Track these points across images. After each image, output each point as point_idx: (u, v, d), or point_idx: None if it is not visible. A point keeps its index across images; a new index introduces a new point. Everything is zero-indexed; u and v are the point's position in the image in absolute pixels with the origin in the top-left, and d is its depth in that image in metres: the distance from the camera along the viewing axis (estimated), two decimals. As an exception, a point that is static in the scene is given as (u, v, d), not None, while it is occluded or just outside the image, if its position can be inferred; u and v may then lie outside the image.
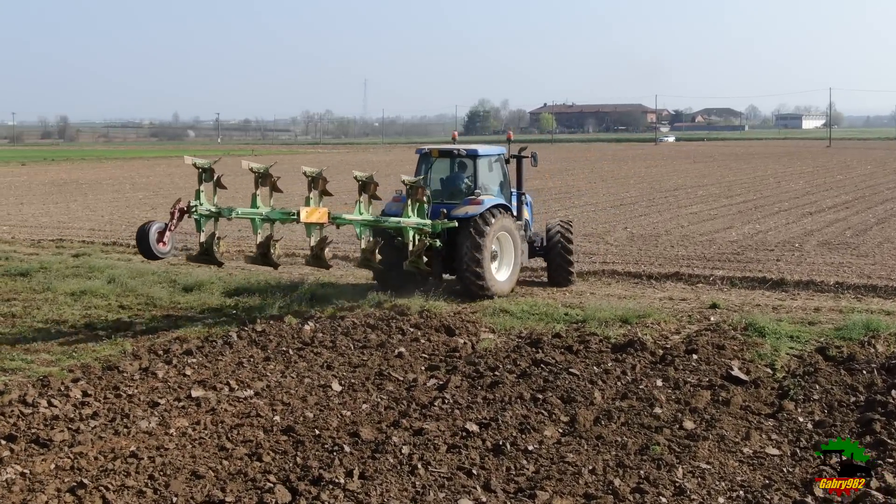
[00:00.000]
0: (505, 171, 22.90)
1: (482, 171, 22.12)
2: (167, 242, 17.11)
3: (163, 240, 17.01)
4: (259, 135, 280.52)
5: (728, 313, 19.87)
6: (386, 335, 17.52)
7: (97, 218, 41.60)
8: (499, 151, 22.99)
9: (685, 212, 41.08)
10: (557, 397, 13.55)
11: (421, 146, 22.91)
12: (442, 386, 14.20)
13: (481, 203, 21.06)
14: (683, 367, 15.16)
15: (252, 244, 22.05)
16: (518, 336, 17.71)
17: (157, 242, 16.92)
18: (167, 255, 17.57)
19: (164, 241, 17.04)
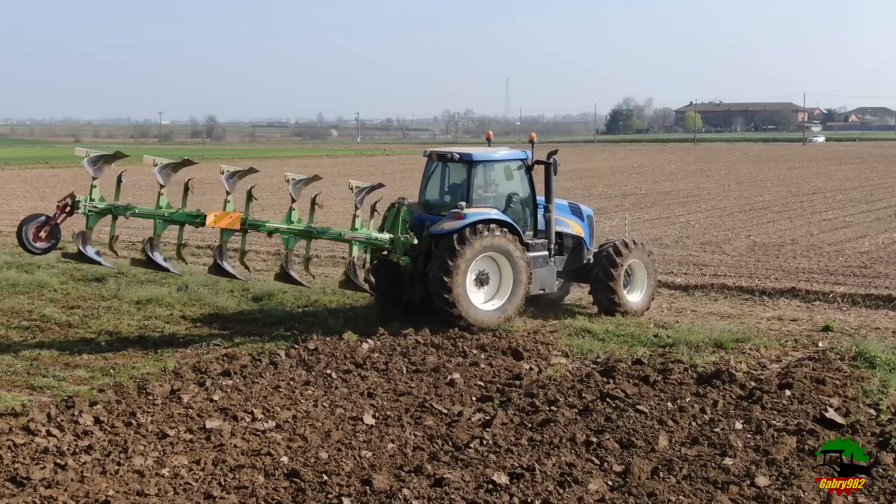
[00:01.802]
0: (524, 179, 19.49)
1: (479, 179, 18.93)
2: (47, 237, 16.47)
3: (40, 234, 16.39)
4: (400, 134, 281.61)
5: (841, 338, 17.80)
6: (447, 356, 15.98)
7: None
8: (511, 156, 19.61)
9: (818, 218, 38.39)
10: (616, 441, 11.78)
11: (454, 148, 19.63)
12: (487, 422, 12.57)
13: (463, 217, 18.04)
14: (772, 405, 13.17)
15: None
16: (593, 361, 15.94)
17: (34, 237, 16.36)
18: (45, 251, 16.84)
19: (41, 235, 16.40)
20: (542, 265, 19.33)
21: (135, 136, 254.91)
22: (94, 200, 16.82)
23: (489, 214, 18.35)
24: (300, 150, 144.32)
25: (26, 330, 18.61)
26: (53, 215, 16.53)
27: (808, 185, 56.83)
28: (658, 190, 54.50)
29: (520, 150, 20.01)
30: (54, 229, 16.55)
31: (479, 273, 18.35)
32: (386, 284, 19.18)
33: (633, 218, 36.12)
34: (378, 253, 18.46)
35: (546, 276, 19.47)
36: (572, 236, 20.17)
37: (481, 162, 19.02)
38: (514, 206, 19.49)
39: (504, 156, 19.63)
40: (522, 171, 19.53)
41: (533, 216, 19.64)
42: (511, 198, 19.50)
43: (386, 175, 68.90)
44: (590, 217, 20.76)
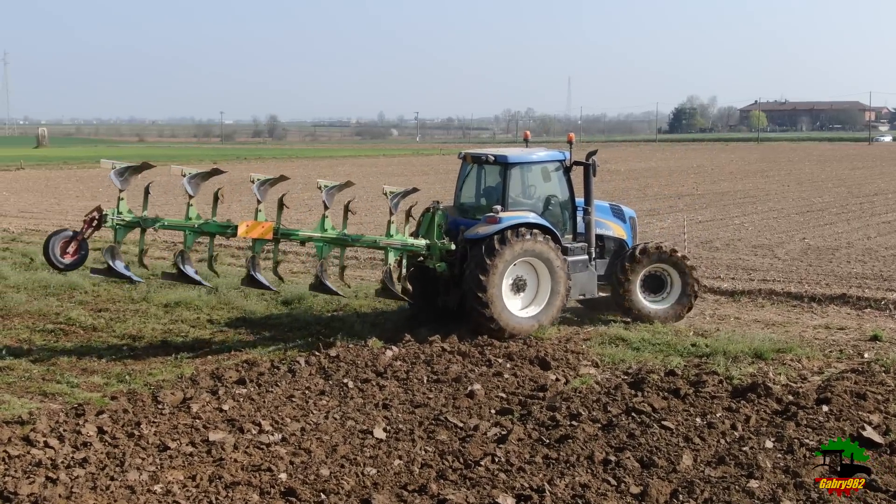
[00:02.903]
0: (563, 180, 18.86)
1: (514, 182, 18.39)
2: (74, 252, 16.20)
3: (67, 250, 16.13)
4: (460, 133, 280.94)
5: (889, 348, 16.96)
6: (471, 365, 15.42)
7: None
8: (548, 157, 18.94)
9: (877, 220, 37.20)
10: (636, 459, 11.14)
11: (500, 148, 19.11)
12: (502, 438, 11.95)
13: (498, 221, 17.49)
14: (807, 422, 12.41)
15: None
16: (624, 372, 15.26)
17: (62, 252, 16.10)
18: (73, 267, 16.49)
19: (68, 251, 16.14)
20: (583, 270, 18.70)
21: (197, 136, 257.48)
22: (121, 213, 16.61)
23: (526, 218, 17.79)
24: (357, 150, 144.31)
25: (50, 333, 18.39)
26: (81, 230, 16.37)
27: (870, 186, 55.32)
28: (715, 190, 53.40)
29: (558, 150, 19.37)
30: (82, 244, 16.30)
31: (517, 279, 17.82)
32: (421, 290, 18.72)
33: (687, 219, 35.22)
34: (414, 259, 18.01)
35: (587, 281, 18.82)
36: (614, 239, 19.55)
37: (517, 164, 18.47)
38: (552, 208, 18.93)
39: (541, 157, 18.99)
40: (560, 173, 18.94)
41: (572, 219, 19.01)
42: (549, 200, 18.94)
43: (440, 175, 68.57)
44: (632, 219, 20.13)
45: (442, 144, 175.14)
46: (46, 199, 50.85)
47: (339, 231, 17.47)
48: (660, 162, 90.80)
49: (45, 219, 40.41)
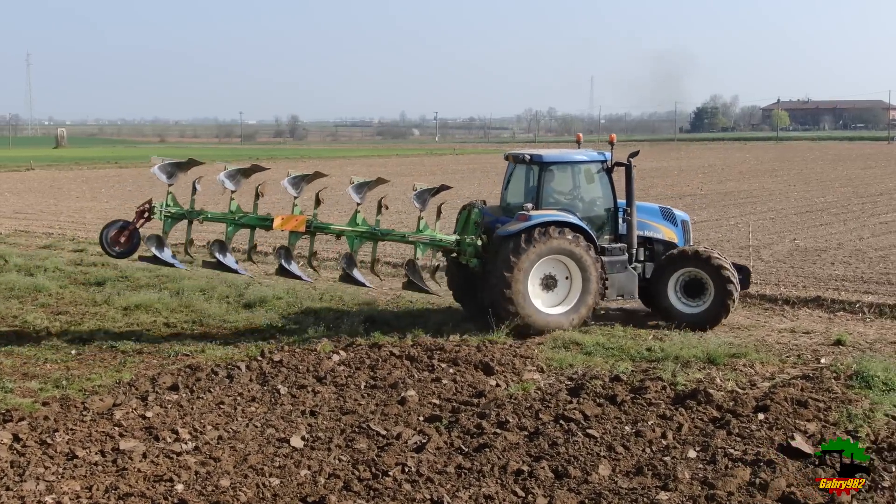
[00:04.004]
0: (603, 181, 19.02)
1: (550, 181, 18.68)
2: (126, 241, 17.61)
3: (119, 239, 17.56)
4: (481, 133, 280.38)
5: (852, 352, 16.53)
6: (417, 371, 15.12)
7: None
8: (588, 157, 19.06)
9: (875, 221, 36.64)
10: (551, 469, 10.84)
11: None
12: (421, 446, 11.66)
13: (528, 220, 17.77)
14: (739, 431, 12.08)
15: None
16: (569, 378, 14.94)
17: (115, 241, 17.55)
18: (124, 255, 18.03)
19: (121, 240, 17.57)
20: (621, 271, 18.64)
21: (219, 136, 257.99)
22: (169, 206, 17.80)
23: (557, 217, 17.99)
24: (371, 150, 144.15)
25: (2, 336, 18.17)
26: (133, 220, 17.74)
27: (877, 186, 54.59)
28: (719, 190, 52.85)
29: (599, 151, 19.31)
30: (133, 233, 17.67)
31: (546, 276, 17.96)
32: (463, 287, 19.25)
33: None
34: (448, 255, 19.02)
35: (626, 282, 18.72)
36: (664, 241, 19.36)
37: (552, 163, 18.77)
38: (591, 209, 19.10)
39: (579, 157, 19.18)
40: (600, 174, 18.99)
41: (613, 220, 19.04)
42: (587, 200, 19.13)
43: (447, 175, 68.32)
44: (684, 222, 19.81)
45: (461, 144, 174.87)
46: (46, 200, 50.87)
47: (370, 226, 18.30)
48: (672, 161, 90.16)
49: (37, 220, 40.45)
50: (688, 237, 19.71)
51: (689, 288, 18.67)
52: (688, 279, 18.63)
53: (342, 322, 18.75)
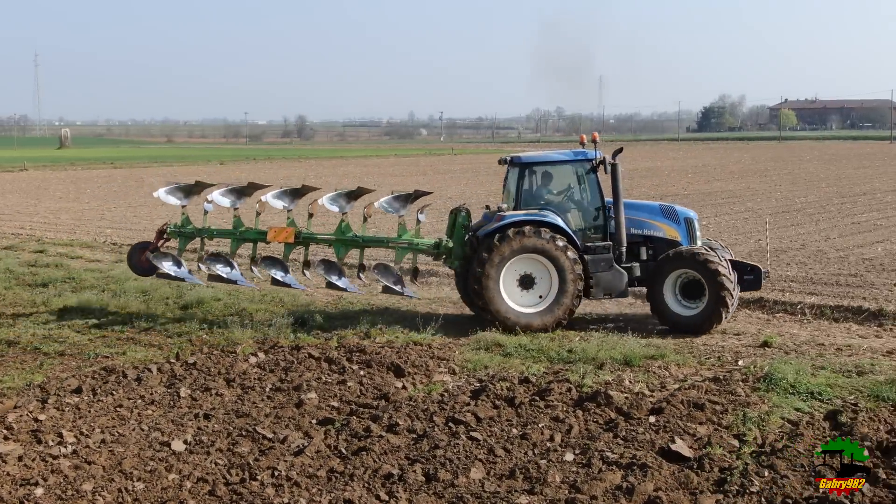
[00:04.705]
0: (588, 180, 18.98)
1: (530, 182, 19.01)
2: (147, 260, 19.44)
3: (143, 259, 19.50)
4: (489, 133, 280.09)
5: (776, 354, 16.39)
6: (330, 373, 15.07)
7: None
8: (570, 157, 19.25)
9: (848, 221, 36.40)
10: (423, 473, 10.81)
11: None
12: (300, 450, 11.60)
13: (502, 219, 18.24)
14: (626, 433, 12.01)
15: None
16: (478, 380, 14.83)
17: (139, 262, 19.62)
18: (150, 272, 19.83)
19: (143, 259, 19.49)
20: (606, 269, 18.53)
21: (226, 136, 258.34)
22: (180, 226, 19.63)
23: (531, 216, 18.21)
24: (372, 150, 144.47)
25: (-71, 340, 18.18)
26: (154, 241, 19.69)
27: (863, 186, 54.28)
28: (703, 190, 52.66)
29: (583, 150, 19.20)
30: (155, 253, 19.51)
31: (524, 275, 18.15)
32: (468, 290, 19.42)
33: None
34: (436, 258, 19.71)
35: (612, 281, 18.61)
36: (666, 240, 19.03)
37: (531, 164, 19.07)
38: (575, 208, 19.07)
39: (559, 157, 19.43)
40: (584, 173, 18.96)
41: (601, 219, 18.93)
42: (570, 200, 19.16)
43: (438, 175, 68.29)
44: (688, 220, 19.30)
45: (466, 144, 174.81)
46: (27, 200, 51.02)
47: (354, 233, 19.28)
48: (667, 161, 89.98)
49: (11, 220, 40.58)
50: (693, 235, 19.27)
51: (688, 289, 18.31)
52: (687, 280, 18.26)
53: (274, 324, 18.66)
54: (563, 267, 18.01)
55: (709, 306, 18.03)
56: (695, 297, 18.22)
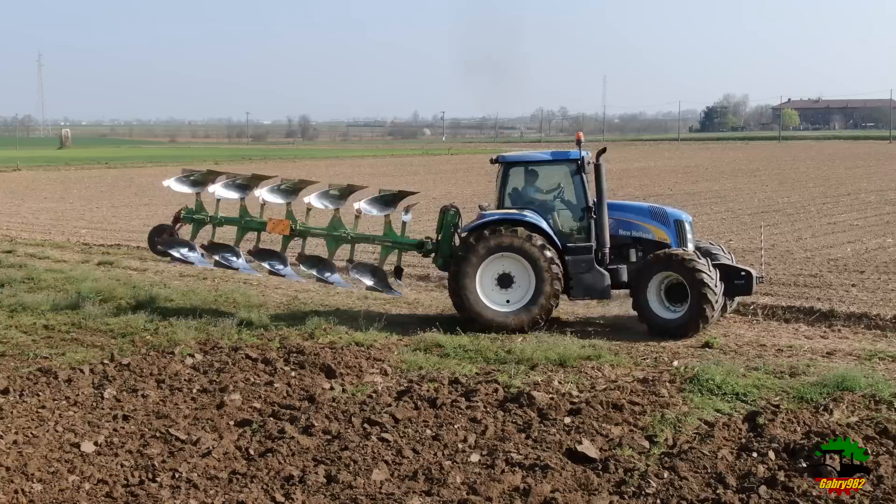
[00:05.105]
0: (573, 180, 18.90)
1: (513, 181, 19.12)
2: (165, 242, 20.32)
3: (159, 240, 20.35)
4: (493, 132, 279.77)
5: (715, 355, 16.38)
6: (262, 374, 15.06)
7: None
8: (554, 157, 19.39)
9: (825, 221, 36.33)
10: (325, 475, 10.80)
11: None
12: (208, 452, 11.60)
13: (481, 217, 18.49)
14: (539, 434, 12.02)
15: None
16: (409, 381, 14.81)
17: (157, 242, 20.38)
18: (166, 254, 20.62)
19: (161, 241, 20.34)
20: (587, 271, 18.48)
21: (229, 136, 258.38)
22: (193, 212, 20.50)
23: (510, 215, 18.34)
24: (371, 151, 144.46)
25: None
26: (172, 225, 20.56)
27: (849, 186, 54.09)
28: (689, 190, 52.56)
29: (571, 150, 19.25)
30: (171, 236, 20.38)
31: (503, 274, 18.27)
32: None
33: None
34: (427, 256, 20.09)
35: (592, 282, 18.51)
36: (654, 242, 18.88)
37: (513, 163, 19.20)
38: (558, 208, 19.11)
39: (542, 157, 19.60)
40: (569, 173, 18.97)
41: (584, 219, 18.88)
42: (554, 199, 19.20)
43: (430, 175, 68.31)
44: (678, 222, 19.05)
45: (467, 144, 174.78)
46: (12, 201, 51.16)
47: (344, 230, 19.89)
48: (661, 161, 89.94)
49: (-11, 220, 40.58)
50: (683, 238, 18.97)
51: (673, 293, 18.09)
52: (672, 283, 18.05)
53: (218, 324, 18.63)
54: (539, 266, 18.01)
55: (690, 310, 17.79)
56: (680, 301, 18.01)
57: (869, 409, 12.89)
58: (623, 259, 19.03)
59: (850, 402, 13.07)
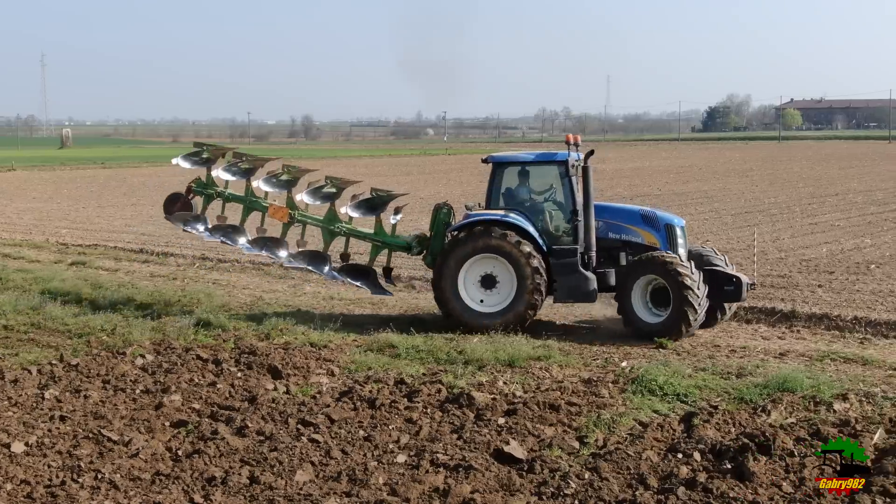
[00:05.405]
0: (560, 182, 18.75)
1: (501, 182, 19.02)
2: (180, 208, 21.00)
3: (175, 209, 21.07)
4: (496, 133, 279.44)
5: (668, 355, 16.42)
6: (208, 374, 15.06)
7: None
8: (542, 158, 19.34)
9: (807, 222, 36.26)
10: (249, 476, 10.79)
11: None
12: (136, 453, 11.59)
13: (465, 218, 18.54)
14: (470, 435, 12.03)
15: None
16: (355, 381, 14.80)
17: (170, 208, 21.14)
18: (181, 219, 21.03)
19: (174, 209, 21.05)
20: (571, 273, 18.26)
21: (232, 136, 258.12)
22: (203, 185, 21.04)
23: (493, 216, 18.31)
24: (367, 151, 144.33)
25: None
26: (185, 195, 21.15)
27: (839, 186, 53.96)
28: (677, 191, 52.51)
29: (560, 151, 19.11)
30: (184, 203, 21.09)
31: (486, 275, 18.25)
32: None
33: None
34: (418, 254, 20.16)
35: (576, 285, 18.25)
36: (644, 246, 18.53)
37: (501, 164, 19.15)
38: (544, 209, 18.97)
39: (529, 158, 19.47)
40: (557, 174, 18.86)
41: (570, 221, 18.69)
42: (541, 200, 19.11)
43: (423, 175, 68.34)
44: (669, 226, 18.60)
45: (468, 144, 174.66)
46: (1, 201, 51.19)
47: (338, 223, 20.31)
48: (655, 161, 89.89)
49: (-29, 222, 40.63)
50: (673, 242, 18.46)
51: (658, 297, 17.85)
52: (657, 287, 17.78)
53: (179, 324, 18.64)
54: (521, 268, 17.90)
55: (672, 315, 17.54)
56: (665, 305, 17.75)
57: (808, 410, 12.89)
58: (613, 262, 18.78)
59: (789, 403, 13.07)
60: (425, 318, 19.72)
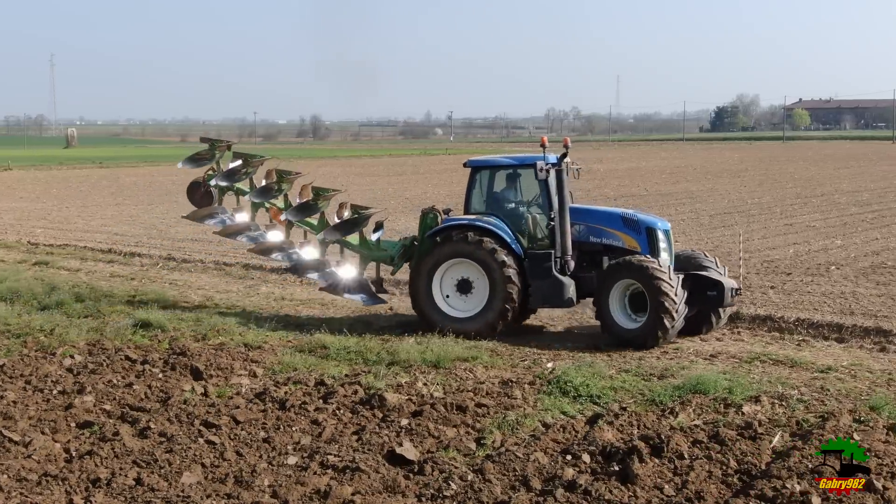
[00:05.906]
0: (539, 185, 18.42)
1: (479, 185, 18.92)
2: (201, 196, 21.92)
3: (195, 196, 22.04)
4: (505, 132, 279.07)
5: (595, 357, 16.41)
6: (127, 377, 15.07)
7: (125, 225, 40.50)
8: (520, 161, 19.06)
9: (783, 222, 36.15)
10: (135, 478, 10.80)
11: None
12: (31, 453, 11.62)
13: (439, 223, 18.58)
14: (368, 436, 12.04)
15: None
16: (275, 382, 14.81)
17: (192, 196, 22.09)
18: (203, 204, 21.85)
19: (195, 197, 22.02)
20: (544, 278, 18.03)
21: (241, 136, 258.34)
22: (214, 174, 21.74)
23: (468, 220, 18.28)
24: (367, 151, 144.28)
25: None
26: (204, 182, 21.84)
27: (827, 187, 53.71)
28: (664, 191, 52.37)
29: (534, 155, 18.74)
30: (206, 193, 21.89)
31: (462, 280, 18.17)
32: None
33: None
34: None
35: (550, 290, 17.95)
36: (624, 250, 18.12)
37: (478, 168, 19.09)
38: (522, 213, 18.79)
39: (507, 161, 19.33)
40: (535, 177, 18.51)
41: (547, 226, 18.47)
42: (518, 204, 18.95)
43: (418, 175, 68.33)
44: (650, 230, 18.08)
45: (474, 144, 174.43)
46: (-10, 202, 51.48)
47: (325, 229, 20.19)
48: (653, 161, 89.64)
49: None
50: (655, 247, 17.93)
51: (637, 301, 17.44)
52: (636, 292, 17.40)
53: (120, 325, 18.67)
54: (493, 273, 17.72)
55: (649, 320, 17.09)
56: (645, 310, 17.26)
57: (717, 412, 12.88)
58: (595, 267, 18.45)
59: (698, 405, 13.06)
60: (369, 318, 19.75)
